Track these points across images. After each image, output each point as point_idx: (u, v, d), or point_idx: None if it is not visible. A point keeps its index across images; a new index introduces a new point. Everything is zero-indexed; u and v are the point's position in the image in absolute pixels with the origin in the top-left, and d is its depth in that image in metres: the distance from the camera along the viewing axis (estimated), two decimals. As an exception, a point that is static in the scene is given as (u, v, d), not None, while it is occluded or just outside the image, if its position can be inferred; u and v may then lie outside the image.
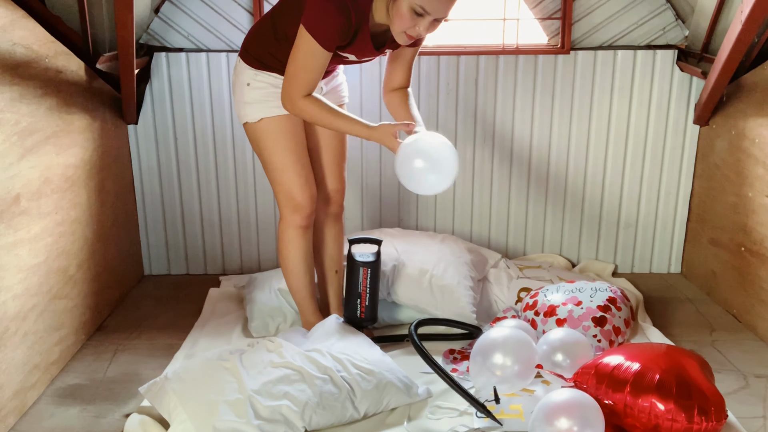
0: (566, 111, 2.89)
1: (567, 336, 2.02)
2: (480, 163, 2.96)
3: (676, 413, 1.59)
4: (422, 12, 1.73)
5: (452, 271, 2.43)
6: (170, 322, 2.52)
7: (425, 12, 1.73)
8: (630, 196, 2.98)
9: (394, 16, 1.77)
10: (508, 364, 1.84)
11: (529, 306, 2.34)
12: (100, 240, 2.49)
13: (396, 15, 1.76)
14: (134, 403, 1.94)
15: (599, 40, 2.84)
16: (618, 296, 2.30)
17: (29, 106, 1.95)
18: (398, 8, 1.74)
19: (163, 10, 2.78)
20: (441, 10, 1.74)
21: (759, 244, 2.37)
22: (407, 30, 1.78)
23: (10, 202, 1.85)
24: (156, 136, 2.88)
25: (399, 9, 1.74)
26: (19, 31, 1.90)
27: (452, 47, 2.85)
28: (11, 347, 1.85)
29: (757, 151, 2.38)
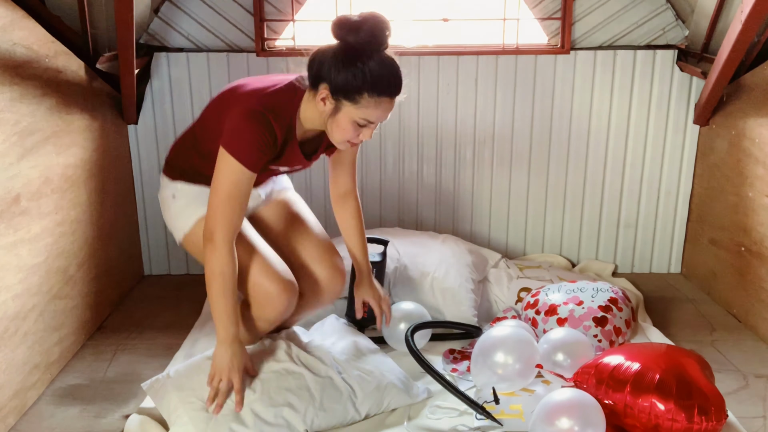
0: (566, 111, 2.89)
1: (568, 335, 2.02)
2: (480, 163, 2.96)
3: (676, 413, 1.59)
4: (366, 124, 1.63)
5: (454, 274, 2.42)
6: (170, 322, 2.52)
7: (369, 123, 1.63)
8: (630, 196, 2.98)
9: (334, 129, 1.65)
10: (509, 363, 1.84)
11: (530, 305, 2.34)
12: (100, 240, 2.49)
13: (336, 128, 1.64)
14: (134, 403, 1.94)
15: (599, 40, 2.84)
16: (619, 297, 2.30)
17: (29, 106, 1.95)
18: (338, 122, 1.62)
19: (163, 10, 2.77)
20: (384, 117, 1.64)
21: (759, 244, 2.37)
22: (350, 138, 1.66)
23: (10, 202, 1.85)
24: (156, 136, 2.88)
25: (339, 123, 1.62)
26: (19, 31, 1.90)
27: (452, 47, 2.85)
28: (11, 347, 1.85)
29: (757, 151, 2.38)
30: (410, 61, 2.84)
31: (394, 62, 1.60)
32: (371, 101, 1.58)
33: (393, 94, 1.61)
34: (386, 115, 1.64)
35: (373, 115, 1.60)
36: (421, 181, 2.98)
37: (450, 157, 2.95)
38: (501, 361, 1.84)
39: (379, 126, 1.68)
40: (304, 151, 1.77)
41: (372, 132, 1.66)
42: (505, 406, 1.83)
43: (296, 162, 1.81)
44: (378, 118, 1.62)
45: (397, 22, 2.88)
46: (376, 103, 1.58)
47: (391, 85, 1.59)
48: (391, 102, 1.62)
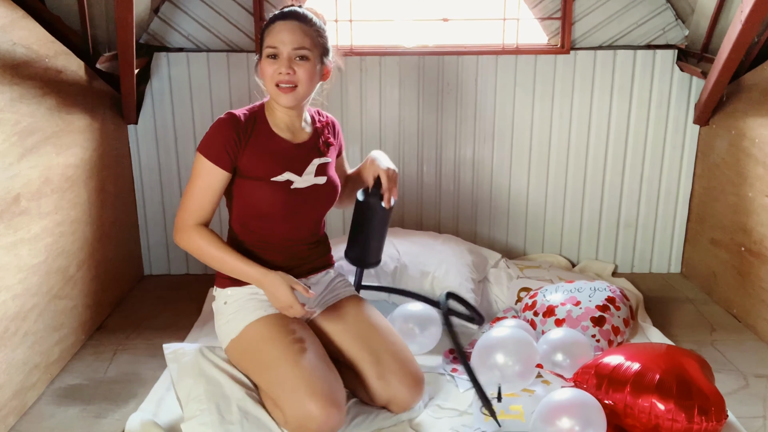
0: (566, 111, 2.89)
1: (566, 336, 2.02)
2: (480, 163, 2.96)
3: (676, 413, 1.59)
4: (274, 51, 1.69)
5: (454, 273, 2.42)
6: (170, 322, 2.52)
7: (275, 49, 1.68)
8: (630, 196, 2.98)
9: (263, 78, 1.73)
10: (509, 364, 1.84)
11: (528, 306, 2.34)
12: (100, 240, 2.49)
13: (262, 74, 1.73)
14: (134, 403, 1.94)
15: (599, 40, 2.84)
16: (617, 296, 2.30)
17: (29, 106, 1.95)
18: (261, 67, 1.73)
19: (163, 10, 2.77)
20: (287, 40, 1.67)
21: (759, 244, 2.37)
22: (274, 79, 1.69)
23: (10, 202, 1.85)
24: (156, 136, 2.88)
25: (261, 68, 1.73)
26: (19, 31, 1.90)
27: (452, 47, 2.85)
28: (11, 347, 1.85)
29: (757, 151, 2.38)
30: (410, 61, 2.84)
31: (294, 3, 1.76)
32: (268, 31, 1.70)
33: (285, 17, 1.70)
34: (288, 37, 1.67)
35: (273, 38, 1.68)
36: (421, 181, 2.98)
37: (450, 157, 2.95)
38: (501, 362, 1.84)
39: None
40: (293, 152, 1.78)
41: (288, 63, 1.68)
42: (506, 407, 1.83)
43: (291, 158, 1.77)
44: (278, 40, 1.68)
45: (397, 22, 2.89)
46: (271, 29, 1.70)
47: (283, 12, 1.71)
48: (286, 24, 1.68)
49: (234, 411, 1.64)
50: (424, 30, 2.89)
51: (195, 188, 1.71)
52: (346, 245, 2.05)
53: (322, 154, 1.84)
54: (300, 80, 1.69)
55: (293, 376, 1.58)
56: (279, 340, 1.66)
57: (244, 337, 1.72)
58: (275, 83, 1.70)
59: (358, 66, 2.83)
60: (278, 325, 1.71)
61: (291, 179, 1.77)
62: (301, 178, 1.78)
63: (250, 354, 1.70)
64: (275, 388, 1.60)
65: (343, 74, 2.84)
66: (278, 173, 1.75)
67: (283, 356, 1.62)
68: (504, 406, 1.83)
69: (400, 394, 1.74)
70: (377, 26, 2.89)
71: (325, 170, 1.84)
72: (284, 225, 1.80)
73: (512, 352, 1.85)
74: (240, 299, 1.78)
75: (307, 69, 1.70)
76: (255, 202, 1.76)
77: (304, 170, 1.79)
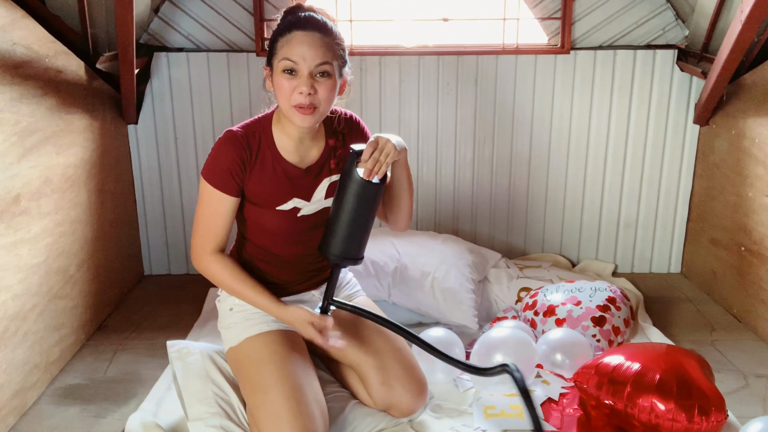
0: (566, 111, 2.89)
1: (566, 336, 2.02)
2: (480, 163, 2.96)
3: (676, 413, 1.59)
4: (292, 66, 1.52)
5: (454, 273, 2.42)
6: (170, 322, 2.52)
7: (295, 63, 1.52)
8: (630, 196, 2.98)
9: (278, 98, 1.58)
10: None
11: (528, 306, 2.34)
12: (100, 240, 2.49)
13: (278, 93, 1.57)
14: (134, 403, 1.94)
15: (599, 40, 2.84)
16: (618, 296, 2.30)
17: (29, 106, 1.95)
18: (275, 85, 1.56)
19: (163, 10, 2.78)
20: (307, 55, 1.52)
21: (759, 244, 2.37)
22: (292, 101, 1.54)
23: (10, 202, 1.85)
24: (156, 136, 2.88)
25: (276, 84, 1.56)
26: (19, 31, 1.90)
27: (452, 47, 2.85)
28: (11, 347, 1.85)
29: (757, 151, 2.38)
30: (410, 61, 2.84)
31: (307, 6, 1.59)
32: (284, 41, 1.54)
33: (305, 27, 1.53)
34: (308, 52, 1.51)
35: (291, 52, 1.52)
36: (421, 181, 2.97)
37: (450, 157, 2.95)
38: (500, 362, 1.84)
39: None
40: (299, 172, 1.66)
41: (309, 83, 1.52)
42: (506, 406, 1.83)
43: (297, 182, 1.66)
44: (297, 54, 1.51)
45: (397, 22, 2.89)
46: (288, 40, 1.53)
47: (300, 20, 1.54)
48: (306, 35, 1.52)
49: (240, 418, 1.66)
50: (424, 30, 2.89)
51: (204, 215, 1.64)
52: None
53: (333, 173, 1.71)
54: (321, 100, 1.55)
55: (278, 406, 1.53)
56: (273, 364, 1.61)
57: (242, 349, 1.68)
58: (294, 106, 1.54)
59: (358, 66, 2.83)
60: (277, 344, 1.66)
61: (298, 206, 1.67)
62: (310, 204, 1.69)
63: (243, 370, 1.66)
64: (259, 412, 1.56)
65: (343, 74, 2.84)
66: (284, 201, 1.66)
67: (273, 383, 1.57)
68: (504, 406, 1.82)
69: (405, 400, 1.72)
70: (377, 26, 2.89)
71: None
72: (293, 247, 1.74)
73: (511, 352, 1.85)
74: (246, 309, 1.73)
75: (329, 87, 1.55)
76: (260, 226, 1.69)
77: (313, 194, 1.69)
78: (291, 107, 1.55)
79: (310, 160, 1.68)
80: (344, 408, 1.77)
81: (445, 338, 2.01)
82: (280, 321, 1.68)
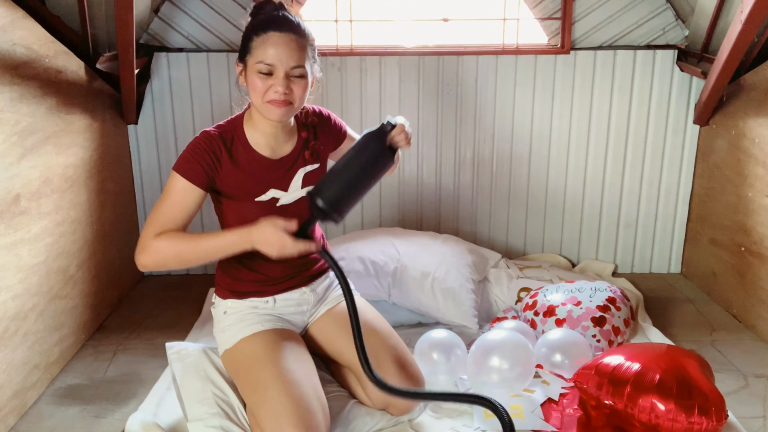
0: (566, 111, 2.89)
1: (565, 336, 2.02)
2: (480, 163, 2.96)
3: (676, 413, 1.58)
4: (268, 68, 1.54)
5: (454, 274, 2.42)
6: (170, 322, 2.52)
7: (271, 66, 1.53)
8: (630, 196, 2.98)
9: (251, 96, 1.59)
10: (505, 368, 1.82)
11: (528, 306, 2.34)
12: (100, 240, 2.49)
13: (251, 90, 1.58)
14: (134, 403, 1.94)
15: (599, 40, 2.84)
16: (618, 296, 2.30)
17: (29, 106, 1.95)
18: (249, 83, 1.58)
19: (163, 10, 2.78)
20: (284, 57, 1.53)
21: (759, 244, 2.37)
22: (266, 97, 1.56)
23: (10, 202, 1.85)
24: (156, 136, 2.88)
25: (249, 82, 1.58)
26: (19, 31, 1.90)
27: (452, 47, 2.85)
28: (11, 347, 1.85)
29: (757, 151, 2.38)
30: (410, 61, 2.84)
31: (282, 7, 1.58)
32: (260, 40, 1.54)
33: (281, 27, 1.54)
34: (284, 54, 1.53)
35: (267, 54, 1.53)
36: (421, 181, 2.98)
37: (450, 157, 2.95)
38: (496, 365, 1.83)
39: None
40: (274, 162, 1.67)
41: (285, 82, 1.54)
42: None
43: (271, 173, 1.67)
44: (272, 56, 1.53)
45: (397, 22, 2.89)
46: (264, 40, 1.53)
47: (276, 20, 1.54)
48: (282, 36, 1.53)
49: (240, 419, 1.66)
50: (424, 30, 2.89)
51: (165, 205, 1.58)
52: None
53: (307, 163, 1.74)
54: (296, 98, 1.59)
55: (278, 403, 1.52)
56: (270, 362, 1.59)
57: (238, 350, 1.67)
58: (270, 102, 1.57)
59: (358, 66, 2.83)
60: (272, 343, 1.65)
61: (276, 196, 1.68)
62: (287, 194, 1.70)
63: (241, 370, 1.65)
64: (260, 410, 1.54)
65: (343, 74, 2.85)
66: (261, 192, 1.67)
67: (271, 380, 1.56)
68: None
69: (400, 401, 1.71)
70: (377, 26, 2.89)
71: (313, 179, 1.73)
72: None
73: (508, 355, 1.84)
74: (240, 311, 1.73)
75: (303, 86, 1.59)
76: (242, 220, 1.64)
77: (290, 184, 1.70)
78: (264, 103, 1.57)
79: (283, 153, 1.70)
80: (344, 407, 1.77)
81: (447, 339, 2.00)
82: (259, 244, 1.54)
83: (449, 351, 1.97)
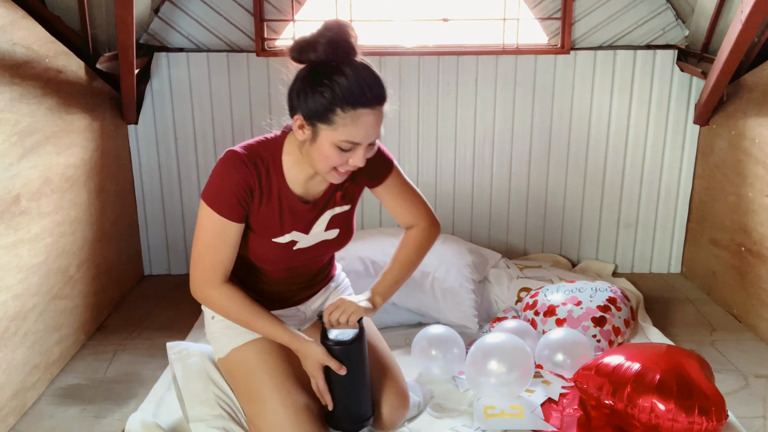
0: (566, 111, 2.89)
1: (567, 336, 2.02)
2: (480, 163, 2.96)
3: (676, 413, 1.58)
4: (350, 147, 1.41)
5: (454, 273, 2.42)
6: (170, 322, 2.52)
7: (354, 144, 1.41)
8: (630, 196, 2.98)
9: (315, 157, 1.45)
10: (503, 371, 1.79)
11: (528, 306, 2.34)
12: (100, 240, 2.49)
13: (319, 155, 1.44)
14: (134, 403, 1.94)
15: (599, 40, 2.84)
16: (618, 296, 2.30)
17: (29, 106, 1.95)
18: (320, 148, 1.43)
19: (163, 10, 2.78)
20: (371, 134, 1.42)
21: (759, 244, 2.37)
22: (338, 167, 1.45)
23: (10, 202, 1.85)
24: (156, 136, 2.88)
25: (321, 149, 1.42)
26: (19, 31, 1.90)
27: (452, 47, 2.85)
28: (11, 347, 1.85)
29: (757, 151, 2.38)
30: (410, 61, 2.84)
31: (368, 68, 1.42)
32: (347, 117, 1.38)
33: (371, 104, 1.40)
34: (372, 131, 1.42)
35: (354, 133, 1.39)
36: (421, 181, 2.97)
37: (450, 157, 2.95)
38: (495, 369, 1.80)
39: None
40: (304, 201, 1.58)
41: (364, 155, 1.44)
42: (506, 406, 1.82)
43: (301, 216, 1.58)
44: (362, 136, 1.41)
45: (397, 22, 2.89)
46: (353, 118, 1.38)
47: (366, 94, 1.38)
48: (373, 113, 1.40)
49: (242, 420, 1.66)
50: (424, 30, 2.89)
51: (207, 243, 1.50)
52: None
53: (337, 205, 1.63)
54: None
55: (278, 415, 1.53)
56: (265, 372, 1.58)
57: (232, 360, 1.65)
58: (335, 170, 1.46)
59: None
60: (266, 352, 1.62)
61: (295, 239, 1.59)
62: (308, 237, 1.61)
63: (236, 380, 1.64)
64: (259, 421, 1.55)
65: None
66: (282, 234, 1.58)
67: (269, 391, 1.56)
68: (504, 406, 1.82)
69: (386, 411, 1.68)
70: (377, 26, 2.89)
71: (339, 221, 1.64)
72: (281, 272, 1.67)
73: (507, 358, 1.81)
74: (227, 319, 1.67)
75: (374, 149, 1.49)
76: (252, 250, 1.59)
77: (312, 227, 1.61)
78: (331, 170, 1.46)
79: (316, 192, 1.60)
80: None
81: (445, 335, 2.01)
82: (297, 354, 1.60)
83: (447, 348, 1.98)
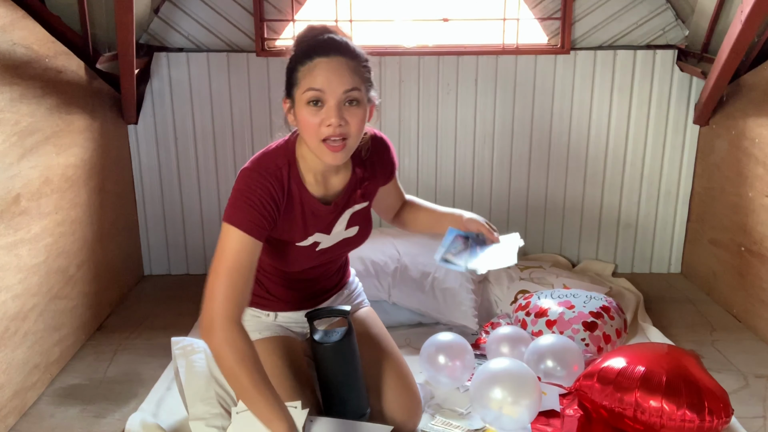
0: (566, 111, 2.89)
1: (556, 342, 1.97)
2: (480, 163, 2.96)
3: (688, 413, 1.59)
4: (318, 95, 1.37)
5: (454, 273, 2.42)
6: (170, 322, 2.52)
7: (320, 92, 1.37)
8: (630, 196, 2.98)
9: (302, 130, 1.43)
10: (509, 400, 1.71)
11: (521, 307, 2.33)
12: (100, 240, 2.49)
13: (302, 126, 1.41)
14: (134, 403, 1.94)
15: (599, 40, 2.84)
16: (612, 307, 2.25)
17: (29, 106, 1.95)
18: (299, 117, 1.41)
19: (163, 10, 2.78)
20: (332, 82, 1.37)
21: (759, 244, 2.37)
22: (320, 134, 1.39)
23: (10, 202, 1.85)
24: (156, 136, 2.88)
25: (299, 117, 1.41)
26: (19, 31, 1.90)
27: (452, 47, 2.85)
28: (11, 347, 1.85)
29: (757, 151, 2.38)
30: (410, 61, 2.84)
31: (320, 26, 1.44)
32: (305, 70, 1.38)
33: (326, 52, 1.38)
34: (334, 79, 1.37)
35: (312, 80, 1.37)
36: (421, 181, 2.97)
37: (450, 157, 2.95)
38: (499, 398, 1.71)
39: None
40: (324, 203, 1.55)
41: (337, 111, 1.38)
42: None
43: (322, 218, 1.56)
44: (320, 82, 1.37)
45: (397, 22, 2.89)
46: (310, 68, 1.38)
47: (321, 45, 1.39)
48: (329, 61, 1.38)
49: None
50: (424, 30, 2.89)
51: (229, 270, 1.40)
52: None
53: (356, 202, 1.61)
54: (351, 132, 1.41)
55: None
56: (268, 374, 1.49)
57: None
58: (322, 138, 1.40)
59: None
60: (267, 352, 1.59)
61: (318, 240, 1.58)
62: (330, 236, 1.60)
63: None
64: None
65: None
66: (305, 237, 1.55)
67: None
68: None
69: (399, 417, 1.65)
70: (377, 26, 2.89)
71: (358, 219, 1.63)
72: (305, 273, 1.66)
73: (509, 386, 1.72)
74: None
75: (359, 116, 1.41)
76: (273, 256, 1.58)
77: (334, 226, 1.59)
78: (319, 143, 1.41)
79: (335, 190, 1.57)
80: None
81: (454, 341, 1.99)
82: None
83: (456, 356, 1.95)
